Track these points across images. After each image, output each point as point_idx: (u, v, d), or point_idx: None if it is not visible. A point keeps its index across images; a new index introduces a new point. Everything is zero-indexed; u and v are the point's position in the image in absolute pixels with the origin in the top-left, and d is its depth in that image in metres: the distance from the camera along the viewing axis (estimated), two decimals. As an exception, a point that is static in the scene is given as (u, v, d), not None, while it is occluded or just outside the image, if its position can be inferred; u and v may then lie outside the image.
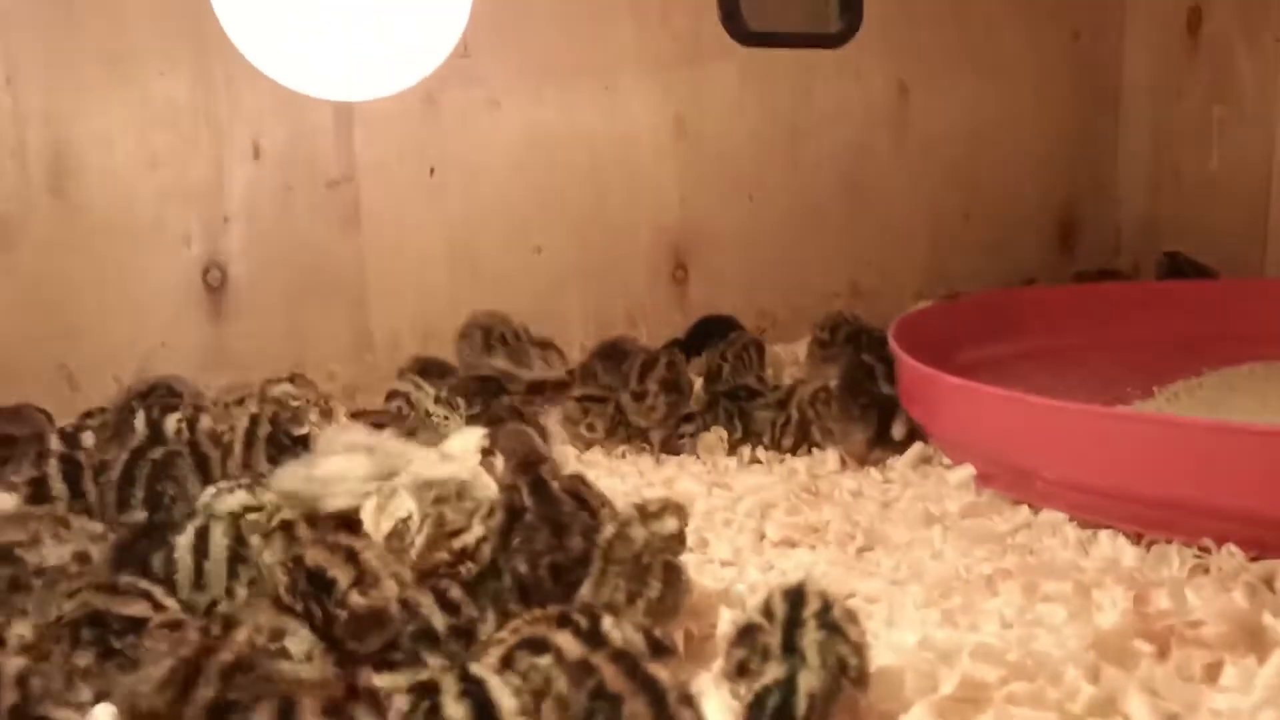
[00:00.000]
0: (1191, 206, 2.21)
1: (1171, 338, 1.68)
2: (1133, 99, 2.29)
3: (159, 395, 1.38)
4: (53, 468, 1.08)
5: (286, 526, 0.91)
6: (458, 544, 0.90)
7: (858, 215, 2.11)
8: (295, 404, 1.40)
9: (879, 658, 0.80)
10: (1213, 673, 0.80)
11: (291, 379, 1.48)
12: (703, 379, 1.61)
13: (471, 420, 1.37)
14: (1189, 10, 2.15)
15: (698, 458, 1.40)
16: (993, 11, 2.17)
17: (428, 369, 1.60)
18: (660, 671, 0.67)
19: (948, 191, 2.20)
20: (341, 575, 0.79)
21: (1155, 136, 2.26)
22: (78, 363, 1.56)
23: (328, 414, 1.45)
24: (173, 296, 1.61)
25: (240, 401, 1.37)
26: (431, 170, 1.74)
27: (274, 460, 1.14)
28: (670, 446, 1.43)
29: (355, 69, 1.37)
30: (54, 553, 0.89)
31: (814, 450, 1.37)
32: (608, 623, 0.76)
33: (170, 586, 0.86)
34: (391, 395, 1.46)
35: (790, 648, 0.72)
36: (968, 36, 2.16)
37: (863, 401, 1.38)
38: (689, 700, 0.66)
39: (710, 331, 1.82)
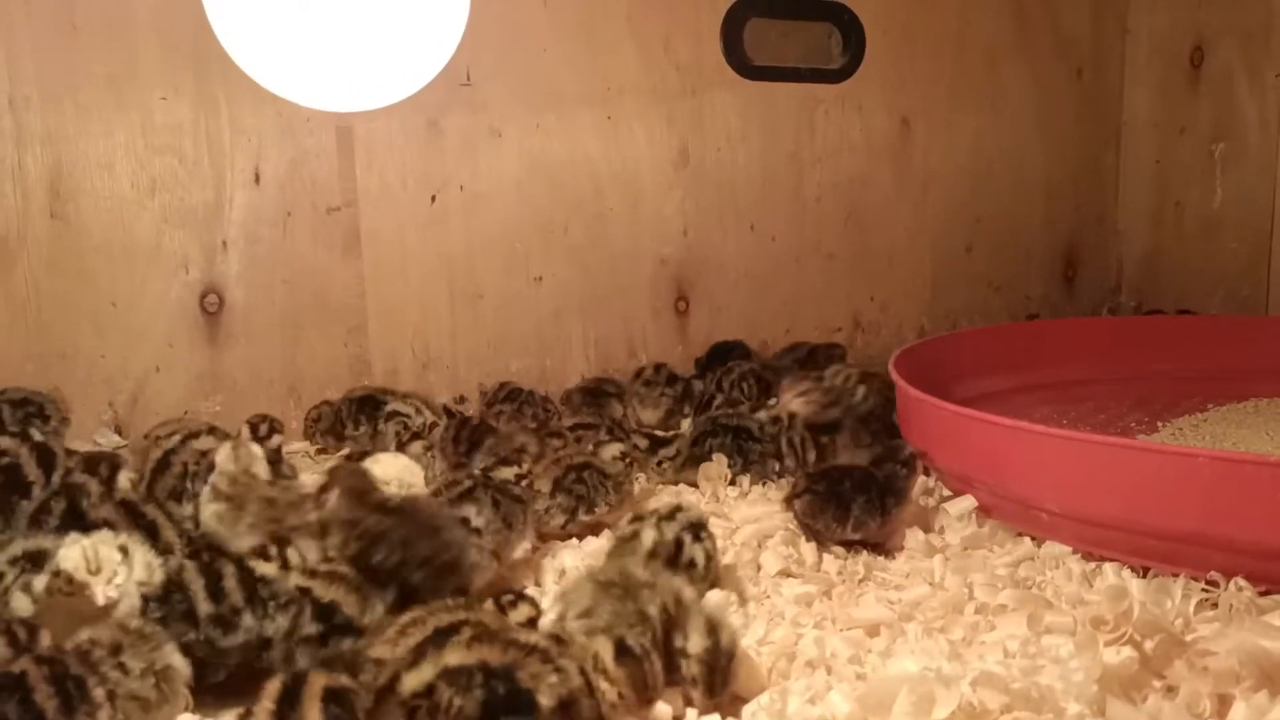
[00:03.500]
0: (1194, 243, 2.20)
1: (1175, 373, 1.67)
2: (1135, 135, 2.30)
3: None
4: None
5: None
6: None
7: (860, 248, 2.10)
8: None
9: (875, 681, 0.79)
10: (1223, 708, 0.78)
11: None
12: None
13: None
14: (1191, 47, 2.16)
15: (696, 486, 1.38)
16: (995, 48, 2.18)
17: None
18: None
19: (950, 225, 2.20)
20: None
21: (1157, 172, 2.26)
22: (71, 386, 1.54)
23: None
24: (169, 321, 1.60)
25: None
26: (433, 197, 1.73)
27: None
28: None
29: (351, 81, 1.37)
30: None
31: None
32: None
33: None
34: (390, 416, 1.45)
35: None
36: (970, 72, 2.16)
37: (874, 427, 1.40)
38: None
39: (724, 356, 1.84)
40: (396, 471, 1.15)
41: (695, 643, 0.82)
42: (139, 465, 1.17)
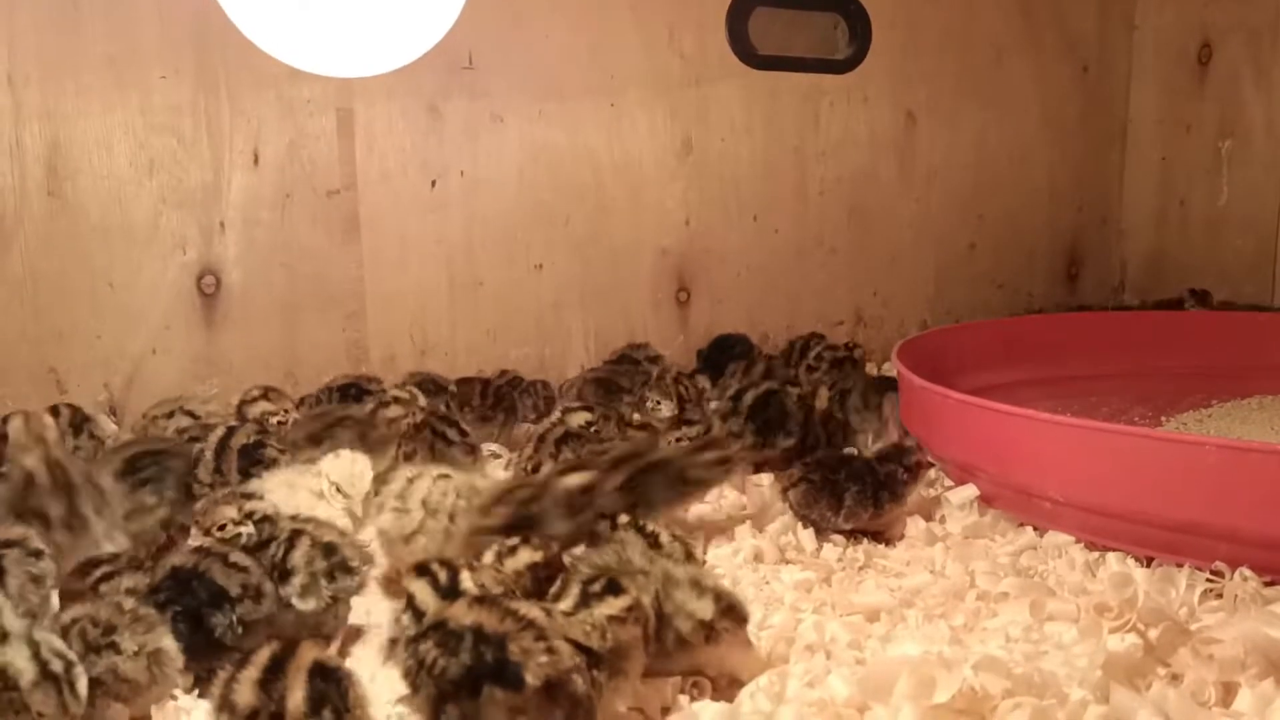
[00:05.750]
0: (1199, 241, 2.19)
1: (1179, 369, 1.65)
2: (1140, 132, 2.28)
3: None
4: None
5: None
6: None
7: (862, 242, 2.09)
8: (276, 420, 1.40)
9: (875, 665, 0.77)
10: (1228, 696, 0.77)
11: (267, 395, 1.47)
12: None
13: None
14: (1199, 45, 2.14)
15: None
16: (1002, 43, 2.17)
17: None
18: None
19: (953, 221, 2.18)
20: None
21: (1163, 170, 2.25)
22: (67, 366, 1.54)
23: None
24: (166, 302, 1.58)
25: (170, 415, 1.41)
26: (433, 182, 1.72)
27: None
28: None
29: (350, 46, 1.35)
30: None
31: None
32: None
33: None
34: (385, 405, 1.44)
35: None
36: (976, 67, 2.15)
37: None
38: None
39: (727, 350, 1.84)
40: (339, 475, 1.14)
41: (704, 607, 0.81)
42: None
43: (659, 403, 1.55)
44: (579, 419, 1.33)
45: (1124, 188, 2.33)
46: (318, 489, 1.14)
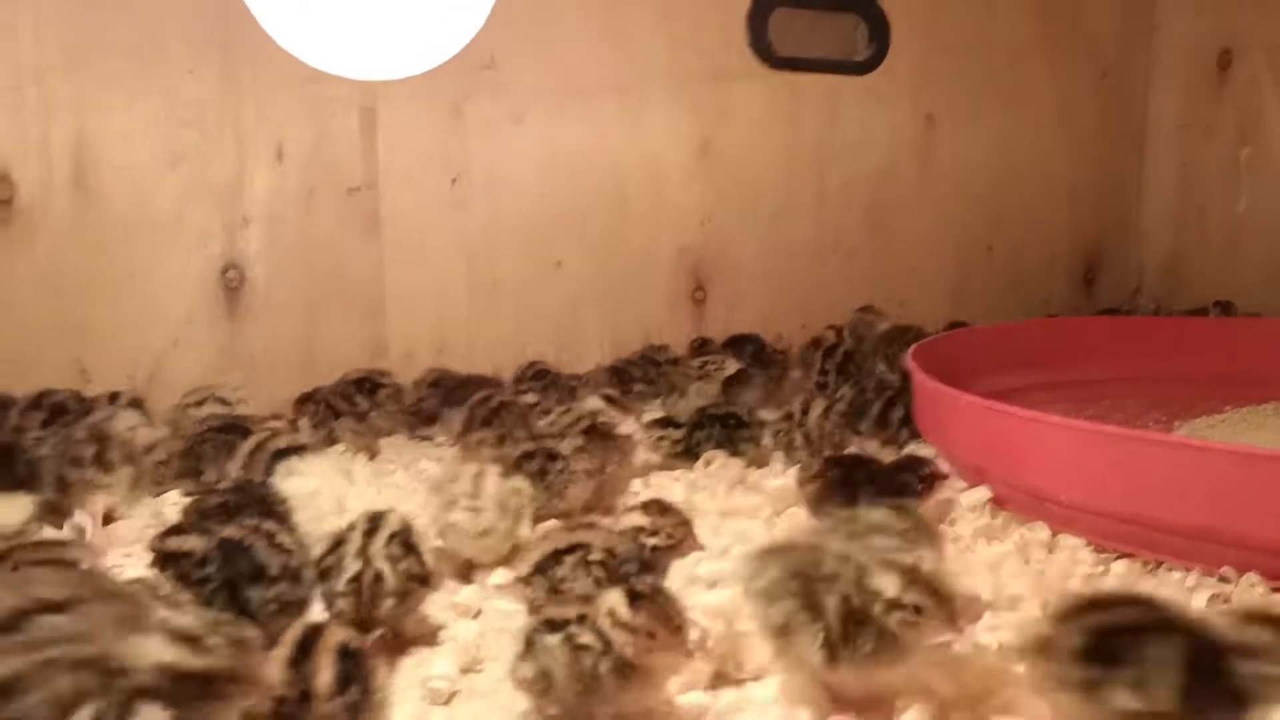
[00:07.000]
0: (1217, 247, 2.18)
1: (1193, 374, 1.65)
2: (1160, 137, 2.28)
3: None
4: None
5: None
6: None
7: (880, 244, 2.10)
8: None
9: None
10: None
11: None
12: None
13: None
14: (1219, 50, 2.14)
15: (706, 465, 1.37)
16: (1021, 46, 2.17)
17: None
18: None
19: (971, 224, 2.19)
20: None
21: (1182, 176, 2.25)
22: (91, 357, 1.56)
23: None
24: (189, 295, 1.61)
25: (201, 402, 1.45)
26: (454, 180, 1.74)
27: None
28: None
29: (376, 49, 1.36)
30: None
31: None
32: None
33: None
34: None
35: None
36: (996, 70, 2.15)
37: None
38: None
39: (741, 350, 1.83)
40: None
41: (890, 583, 0.74)
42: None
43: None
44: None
45: (1142, 192, 2.32)
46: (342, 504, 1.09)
